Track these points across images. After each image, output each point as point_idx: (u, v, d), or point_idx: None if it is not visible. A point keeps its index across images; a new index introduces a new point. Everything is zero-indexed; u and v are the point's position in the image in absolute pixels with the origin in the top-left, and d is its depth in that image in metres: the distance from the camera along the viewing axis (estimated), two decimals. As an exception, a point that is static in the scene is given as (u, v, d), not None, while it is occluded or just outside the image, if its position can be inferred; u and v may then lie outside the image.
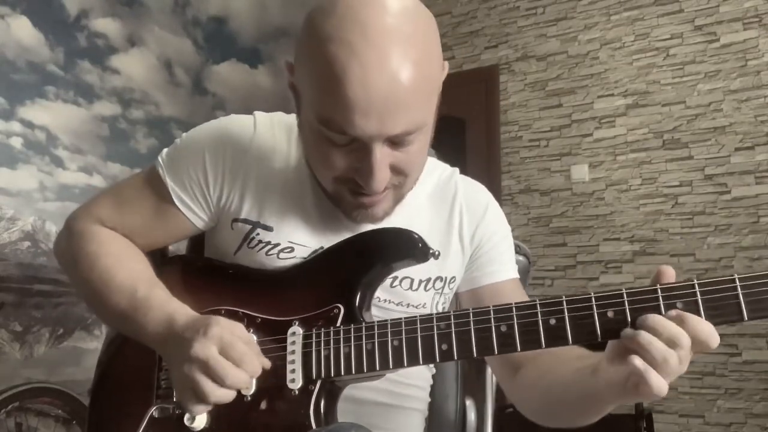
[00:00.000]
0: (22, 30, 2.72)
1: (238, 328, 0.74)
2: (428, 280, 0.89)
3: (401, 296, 0.87)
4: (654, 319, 0.64)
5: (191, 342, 0.70)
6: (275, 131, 0.89)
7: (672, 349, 0.62)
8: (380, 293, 0.85)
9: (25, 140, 2.71)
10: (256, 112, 0.91)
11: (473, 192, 0.96)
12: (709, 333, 0.63)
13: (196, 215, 0.88)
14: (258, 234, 0.85)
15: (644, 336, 0.63)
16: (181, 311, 0.77)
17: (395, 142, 0.72)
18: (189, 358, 0.70)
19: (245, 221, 0.85)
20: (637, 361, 0.63)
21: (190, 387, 0.70)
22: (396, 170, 0.75)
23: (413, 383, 0.93)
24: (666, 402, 3.52)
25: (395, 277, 0.86)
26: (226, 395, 0.71)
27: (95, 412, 0.89)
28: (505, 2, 4.25)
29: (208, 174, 0.85)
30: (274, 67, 3.97)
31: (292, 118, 0.91)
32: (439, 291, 0.91)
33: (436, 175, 0.95)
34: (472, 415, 1.19)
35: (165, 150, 0.89)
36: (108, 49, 3.08)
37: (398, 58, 0.67)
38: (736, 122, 3.54)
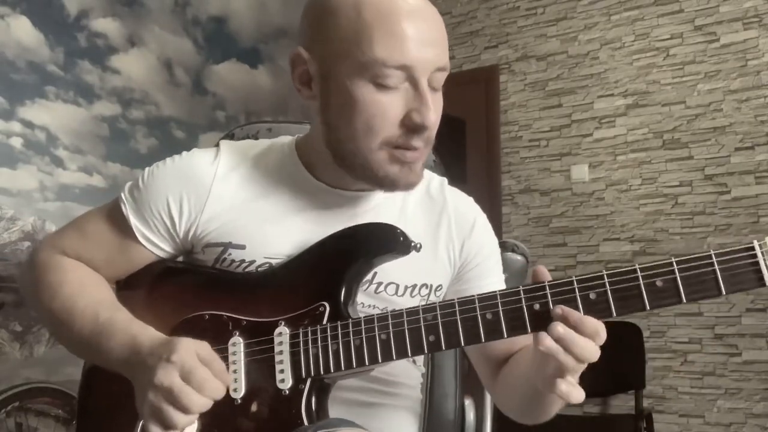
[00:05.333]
0: (22, 30, 2.72)
1: (203, 348, 0.74)
2: (414, 286, 0.89)
3: (386, 302, 0.87)
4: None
5: (154, 369, 0.71)
6: (243, 153, 0.90)
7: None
8: (365, 299, 0.85)
9: (25, 140, 2.71)
10: (221, 141, 0.92)
11: (462, 205, 0.97)
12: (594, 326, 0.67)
13: (160, 249, 0.88)
14: (230, 254, 0.85)
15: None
16: (144, 334, 0.77)
17: (434, 85, 0.78)
18: (153, 386, 0.70)
19: (216, 244, 0.85)
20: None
21: (155, 414, 0.71)
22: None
23: (401, 381, 0.93)
24: (666, 402, 3.52)
25: (380, 283, 0.86)
26: (191, 421, 0.72)
27: (83, 423, 0.89)
28: (505, 2, 4.25)
29: (173, 213, 0.85)
30: (274, 67, 3.97)
31: (264, 142, 0.94)
32: (425, 298, 0.91)
33: (425, 183, 0.95)
34: (471, 415, 1.19)
35: (128, 185, 0.89)
36: (108, 49, 3.08)
37: None
38: (736, 122, 3.54)
